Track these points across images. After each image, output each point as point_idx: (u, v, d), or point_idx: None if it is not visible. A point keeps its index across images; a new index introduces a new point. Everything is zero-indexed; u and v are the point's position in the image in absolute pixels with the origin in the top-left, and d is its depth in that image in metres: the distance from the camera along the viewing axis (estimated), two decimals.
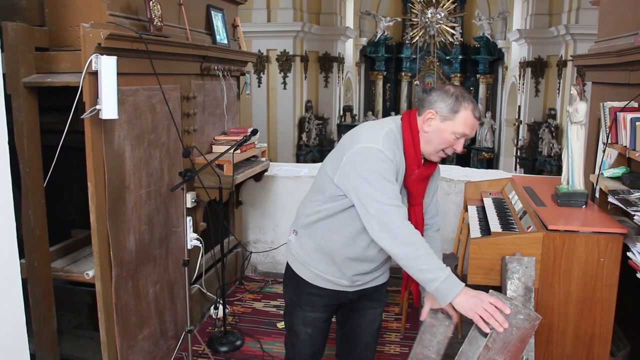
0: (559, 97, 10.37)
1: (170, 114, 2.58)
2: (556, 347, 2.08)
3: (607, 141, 2.41)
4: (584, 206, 2.32)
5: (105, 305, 2.24)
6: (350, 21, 13.22)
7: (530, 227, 2.18)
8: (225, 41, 3.36)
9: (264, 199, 4.02)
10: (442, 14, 13.60)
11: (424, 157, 1.72)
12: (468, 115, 1.63)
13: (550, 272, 2.03)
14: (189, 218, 2.59)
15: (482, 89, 14.00)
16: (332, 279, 1.77)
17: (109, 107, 2.04)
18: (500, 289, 1.94)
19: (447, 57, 14.04)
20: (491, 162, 13.20)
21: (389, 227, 1.54)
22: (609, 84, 2.91)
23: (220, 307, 3.03)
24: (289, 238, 1.87)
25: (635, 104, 2.32)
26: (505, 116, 13.02)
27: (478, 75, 14.00)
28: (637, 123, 2.16)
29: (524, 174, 9.77)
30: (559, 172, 2.59)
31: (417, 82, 14.33)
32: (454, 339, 1.69)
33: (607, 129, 2.38)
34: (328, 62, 12.07)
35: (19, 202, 1.80)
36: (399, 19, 14.05)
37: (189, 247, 2.57)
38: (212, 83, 3.24)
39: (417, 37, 14.00)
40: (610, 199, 2.15)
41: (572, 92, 2.28)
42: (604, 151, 2.53)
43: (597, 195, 2.52)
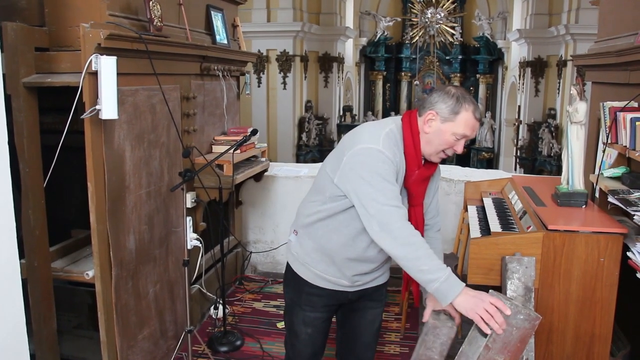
0: (559, 97, 10.38)
1: (170, 114, 2.58)
2: (556, 347, 2.08)
3: (607, 141, 2.41)
4: (584, 206, 2.32)
5: (105, 305, 2.24)
6: (350, 21, 13.23)
7: (530, 227, 2.18)
8: (225, 41, 3.36)
9: (264, 199, 4.02)
10: (442, 14, 13.61)
11: (424, 158, 1.72)
12: (469, 117, 1.62)
13: (550, 272, 2.03)
14: (188, 218, 2.59)
15: (482, 89, 14.01)
16: (332, 279, 1.77)
17: (108, 107, 2.04)
18: (500, 289, 1.94)
19: (447, 57, 14.05)
20: (491, 162, 13.20)
21: (389, 227, 1.54)
22: (608, 83, 2.91)
23: (220, 307, 3.02)
24: (289, 238, 1.87)
25: (635, 104, 2.32)
26: (505, 116, 13.03)
27: (478, 75, 14.01)
28: (637, 123, 2.16)
29: (524, 174, 9.78)
30: (559, 172, 2.59)
31: (417, 82, 14.33)
32: (454, 339, 1.69)
33: (607, 129, 2.38)
34: (328, 62, 12.07)
35: (18, 202, 1.80)
36: (399, 19, 14.06)
37: (188, 247, 2.57)
38: (212, 83, 3.24)
39: (417, 37, 14.01)
40: (610, 199, 2.15)
41: (572, 92, 2.28)
42: (603, 151, 2.53)
43: (597, 195, 2.52)
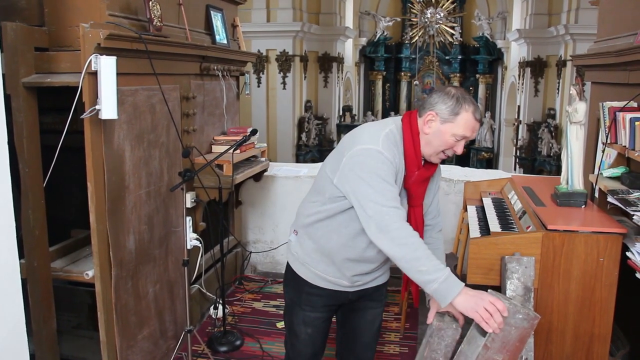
0: (559, 97, 10.38)
1: (170, 114, 2.58)
2: (555, 347, 2.08)
3: (607, 141, 2.41)
4: (584, 206, 2.32)
5: (105, 305, 2.24)
6: (349, 21, 13.23)
7: (529, 227, 2.18)
8: (225, 41, 3.36)
9: (264, 199, 4.02)
10: (442, 14, 13.62)
11: (424, 159, 1.72)
12: (468, 118, 1.62)
13: (549, 272, 2.03)
14: (188, 218, 2.59)
15: (481, 89, 14.01)
16: (332, 279, 1.78)
17: (108, 107, 2.04)
18: (499, 289, 1.94)
19: (447, 57, 14.06)
20: (490, 162, 13.21)
21: (387, 228, 1.54)
22: (608, 83, 2.92)
23: (220, 307, 3.02)
24: (290, 238, 1.88)
25: (635, 104, 2.32)
26: (504, 116, 13.03)
27: (477, 75, 14.01)
28: (637, 123, 2.16)
29: (524, 173, 9.78)
30: (558, 172, 2.60)
31: (416, 82, 14.34)
32: (458, 340, 1.68)
33: (607, 129, 2.39)
34: (327, 62, 12.08)
35: (18, 202, 1.80)
36: (399, 19, 14.06)
37: (188, 247, 2.57)
38: (212, 83, 3.24)
39: (417, 37, 14.02)
40: (610, 199, 2.16)
41: (571, 92, 2.28)
42: (603, 151, 2.53)
43: (597, 195, 2.52)
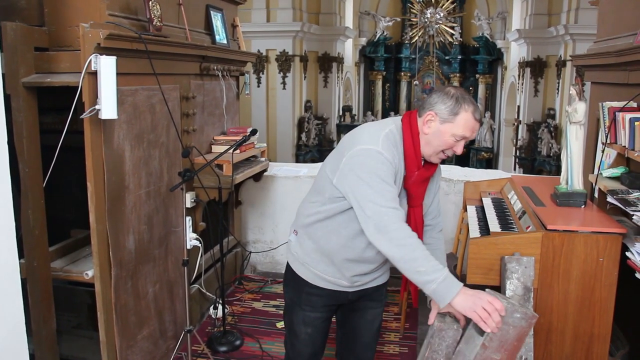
0: (558, 97, 10.39)
1: (170, 114, 2.58)
2: (555, 346, 2.08)
3: (606, 141, 2.42)
4: (583, 206, 2.32)
5: (105, 305, 2.24)
6: (349, 21, 13.23)
7: (529, 227, 2.18)
8: (225, 41, 3.36)
9: (264, 199, 4.02)
10: (442, 14, 13.62)
11: (424, 159, 1.72)
12: (468, 118, 1.62)
13: (549, 272, 2.03)
14: (188, 218, 2.59)
15: (481, 89, 14.01)
16: (331, 279, 1.78)
17: (108, 107, 2.04)
18: (499, 289, 1.94)
19: (447, 57, 14.06)
20: (490, 162, 13.21)
21: (385, 229, 1.54)
22: (608, 84, 2.92)
23: (220, 307, 3.02)
24: (289, 238, 1.88)
25: (634, 104, 2.32)
26: (504, 116, 13.04)
27: (477, 75, 14.02)
28: (636, 123, 2.16)
29: (523, 173, 9.79)
30: (558, 172, 2.60)
31: (416, 82, 14.34)
32: (459, 341, 1.68)
33: (606, 129, 2.39)
34: (327, 62, 12.08)
35: (18, 202, 1.80)
36: (398, 19, 14.06)
37: (188, 247, 2.57)
38: (212, 83, 3.24)
39: (417, 37, 14.02)
40: (609, 199, 2.16)
41: (571, 92, 2.28)
42: (603, 151, 2.53)
43: (596, 195, 2.52)
